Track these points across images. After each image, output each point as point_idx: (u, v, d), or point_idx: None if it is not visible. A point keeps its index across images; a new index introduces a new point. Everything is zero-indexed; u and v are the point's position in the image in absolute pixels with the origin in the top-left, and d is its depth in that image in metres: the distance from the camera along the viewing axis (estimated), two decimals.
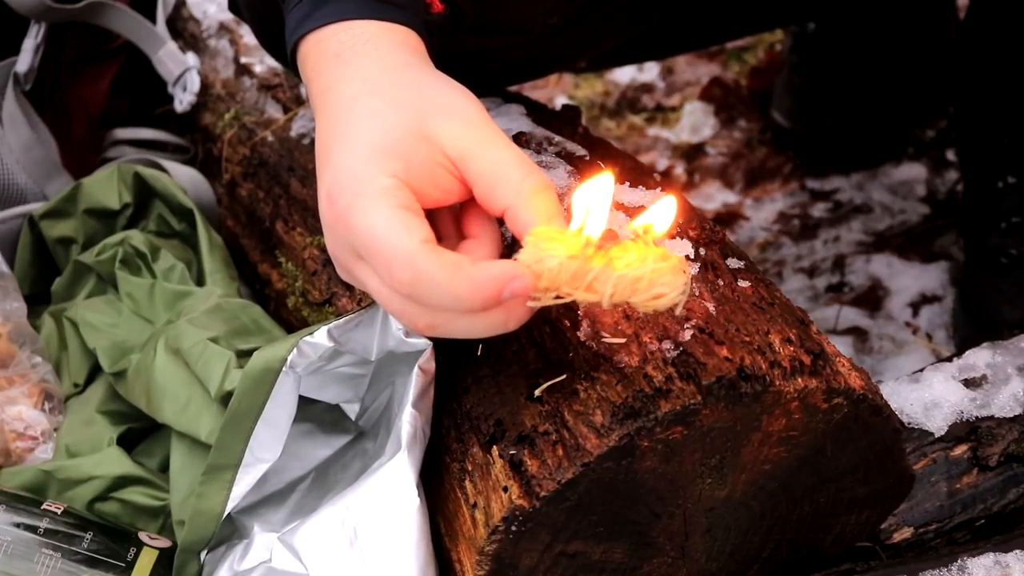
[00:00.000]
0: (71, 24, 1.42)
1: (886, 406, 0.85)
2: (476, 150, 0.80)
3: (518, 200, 0.78)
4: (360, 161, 0.79)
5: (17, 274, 1.28)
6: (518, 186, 0.78)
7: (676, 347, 0.81)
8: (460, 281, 0.74)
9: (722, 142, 1.99)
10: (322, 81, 0.85)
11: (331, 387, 0.95)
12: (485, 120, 0.82)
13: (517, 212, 0.78)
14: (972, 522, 1.00)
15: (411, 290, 0.76)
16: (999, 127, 1.49)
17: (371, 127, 0.80)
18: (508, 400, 0.84)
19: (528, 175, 0.79)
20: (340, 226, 0.79)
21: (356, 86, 0.83)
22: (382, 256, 0.76)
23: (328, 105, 0.84)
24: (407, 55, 0.85)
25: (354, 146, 0.80)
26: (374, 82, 0.82)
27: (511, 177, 0.79)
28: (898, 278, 1.66)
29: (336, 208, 0.79)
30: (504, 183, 0.79)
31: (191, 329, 1.04)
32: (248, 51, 1.46)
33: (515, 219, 0.79)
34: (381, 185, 0.78)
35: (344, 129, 0.81)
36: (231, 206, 1.34)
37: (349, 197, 0.78)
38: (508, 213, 0.79)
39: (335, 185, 0.80)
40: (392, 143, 0.79)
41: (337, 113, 0.83)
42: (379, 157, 0.79)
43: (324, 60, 0.85)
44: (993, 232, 1.50)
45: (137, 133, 1.50)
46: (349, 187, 0.79)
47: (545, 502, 0.79)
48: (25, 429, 1.11)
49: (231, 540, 0.96)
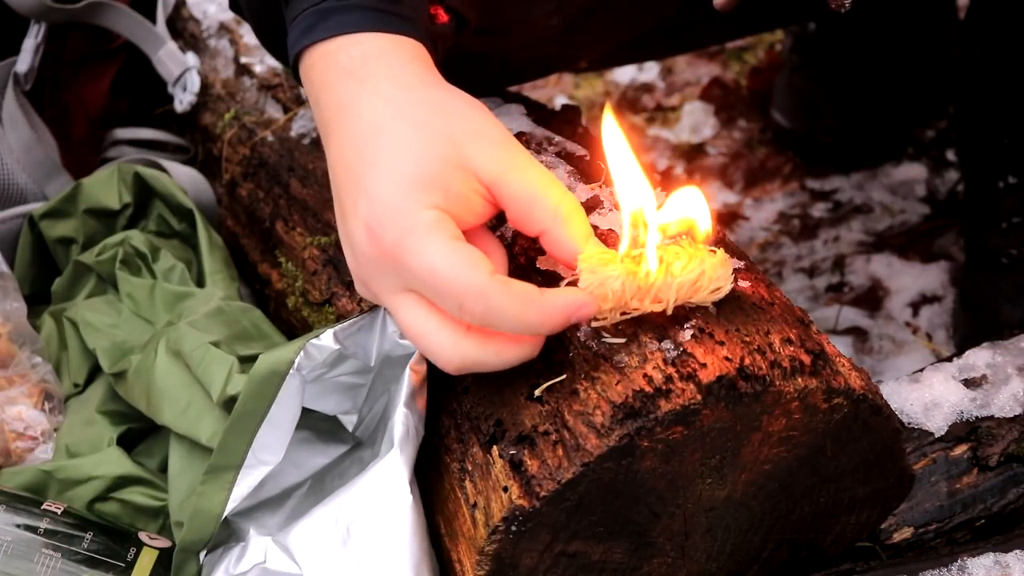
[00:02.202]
0: (71, 24, 1.42)
1: (886, 406, 0.85)
2: (509, 175, 0.81)
3: (555, 223, 0.81)
4: (400, 193, 0.79)
5: (17, 274, 1.28)
6: (555, 209, 0.81)
7: (676, 347, 0.81)
8: (531, 311, 0.77)
9: (722, 142, 1.99)
10: (334, 98, 0.85)
11: (330, 397, 0.95)
12: (512, 140, 0.83)
13: (557, 235, 0.81)
14: (972, 522, 1.00)
15: (482, 321, 0.78)
16: (999, 127, 1.49)
17: (405, 156, 0.80)
18: (508, 400, 0.84)
19: (563, 198, 0.81)
20: (388, 261, 0.79)
21: (378, 108, 0.82)
22: (451, 292, 0.77)
23: (347, 127, 0.83)
24: (421, 71, 0.85)
25: (391, 177, 0.80)
26: (396, 104, 0.82)
27: (547, 200, 0.81)
28: (898, 278, 1.66)
29: (383, 244, 0.79)
30: (541, 206, 0.81)
31: (192, 332, 1.04)
32: (248, 51, 1.46)
33: (555, 242, 0.81)
34: (429, 219, 0.79)
35: (374, 157, 0.81)
36: (231, 206, 1.34)
37: (397, 232, 0.78)
38: (546, 236, 0.82)
39: (375, 219, 0.80)
40: (430, 173, 0.80)
41: (361, 137, 0.82)
42: (420, 188, 0.79)
43: (334, 75, 0.85)
44: (994, 232, 1.50)
45: (137, 133, 1.50)
46: (394, 221, 0.79)
47: (545, 502, 0.79)
48: (25, 429, 1.11)
49: (227, 543, 0.96)
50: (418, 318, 0.80)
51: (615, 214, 0.92)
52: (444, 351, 0.80)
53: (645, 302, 0.81)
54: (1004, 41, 1.44)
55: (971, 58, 1.50)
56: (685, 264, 0.81)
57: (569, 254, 0.81)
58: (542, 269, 0.89)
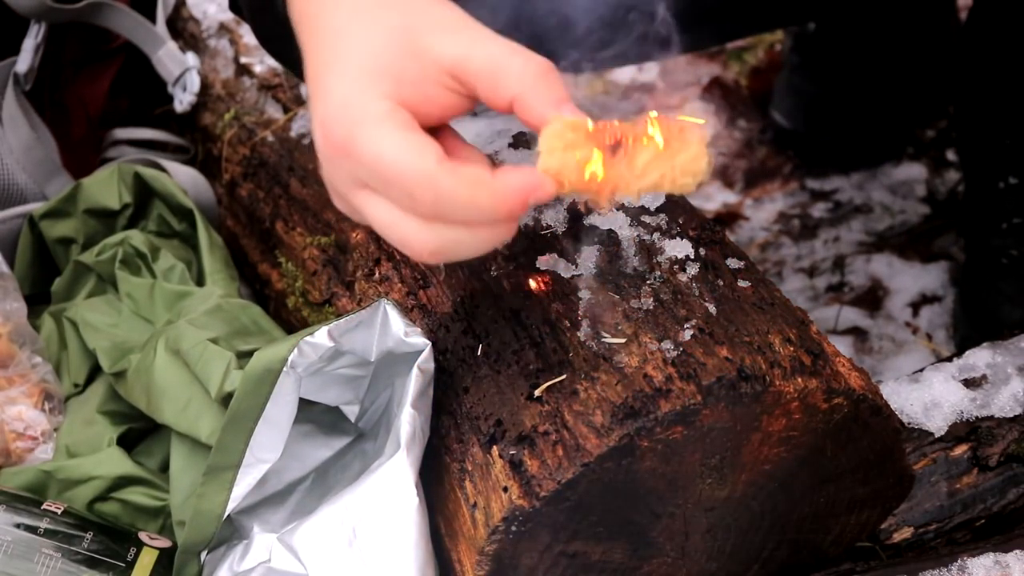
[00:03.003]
0: (71, 24, 1.42)
1: (886, 406, 0.85)
2: (470, 51, 0.79)
3: (523, 87, 0.77)
4: (351, 87, 0.78)
5: (17, 274, 1.28)
6: (521, 73, 0.77)
7: (676, 347, 0.81)
8: (482, 195, 0.74)
9: (722, 142, 1.99)
10: (309, 21, 0.84)
11: (331, 389, 0.95)
12: (471, 23, 0.81)
13: (526, 100, 0.77)
14: (972, 522, 1.00)
15: (433, 210, 0.75)
16: (1000, 127, 1.48)
17: (358, 51, 0.79)
18: (508, 400, 0.84)
19: (528, 60, 0.78)
20: (340, 157, 0.78)
21: (341, 13, 0.81)
22: (398, 181, 0.75)
23: (314, 36, 0.83)
24: None
25: (343, 72, 0.79)
26: (358, 7, 0.81)
27: (512, 66, 0.78)
28: (898, 278, 1.66)
29: (333, 138, 0.78)
30: (506, 73, 0.78)
31: (191, 330, 1.04)
32: (248, 51, 1.46)
33: (526, 108, 0.78)
34: (378, 109, 0.77)
35: (330, 56, 0.80)
36: (231, 206, 1.34)
37: (347, 126, 0.77)
38: (517, 103, 0.78)
39: (328, 115, 0.78)
40: (381, 65, 0.78)
41: (323, 42, 0.81)
42: (370, 80, 0.78)
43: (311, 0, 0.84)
44: (994, 233, 1.50)
45: (137, 133, 1.50)
46: (344, 115, 0.77)
47: (545, 502, 0.79)
48: (25, 429, 1.11)
49: (231, 541, 0.96)
50: (382, 210, 0.78)
51: (615, 214, 0.92)
52: (415, 236, 0.77)
53: (604, 195, 0.76)
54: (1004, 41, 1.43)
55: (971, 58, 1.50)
56: (650, 158, 0.76)
57: (538, 119, 0.78)
58: (542, 269, 0.89)
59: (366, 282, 1.02)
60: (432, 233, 0.76)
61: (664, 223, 0.92)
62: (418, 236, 0.76)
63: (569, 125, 0.76)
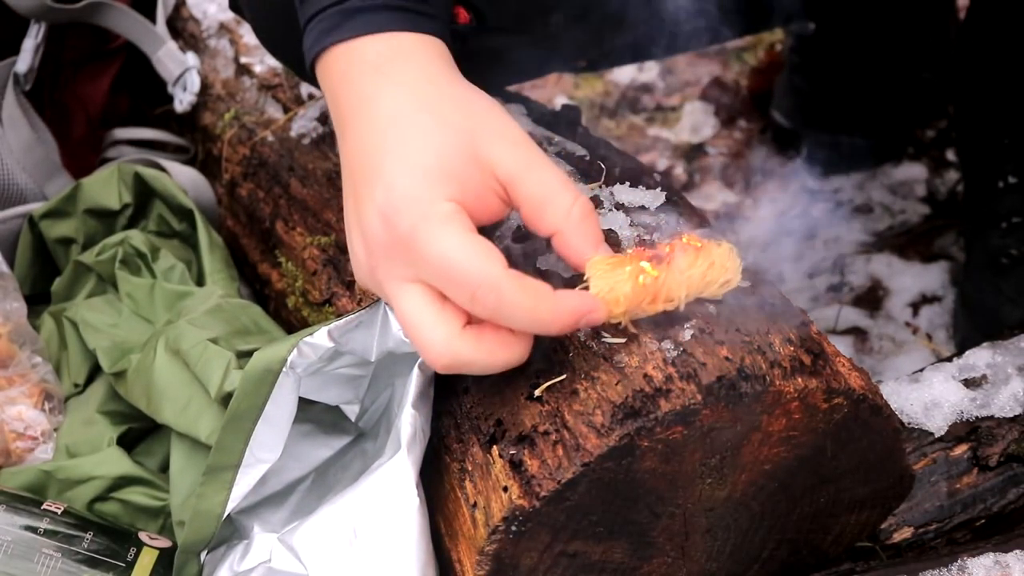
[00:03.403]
0: (71, 24, 1.42)
1: (886, 406, 0.85)
2: (526, 174, 0.81)
3: (568, 225, 0.81)
4: (418, 183, 0.80)
5: (17, 274, 1.28)
6: (568, 211, 0.81)
7: (676, 347, 0.81)
8: (543, 309, 0.78)
9: (722, 142, 1.99)
10: (355, 91, 0.85)
11: (331, 388, 0.95)
12: (529, 141, 0.83)
13: (568, 237, 0.81)
14: (972, 522, 1.00)
15: (493, 315, 0.78)
16: (999, 127, 1.48)
17: (425, 147, 0.81)
18: (508, 400, 0.84)
19: (576, 200, 0.81)
20: (401, 249, 0.80)
21: (400, 99, 0.83)
22: (463, 282, 0.77)
23: (368, 117, 0.83)
24: (444, 68, 0.85)
25: (410, 166, 0.80)
26: (418, 97, 0.83)
27: (561, 202, 0.81)
28: (898, 278, 1.66)
29: (397, 231, 0.79)
30: (554, 207, 0.81)
31: (191, 330, 1.04)
32: (248, 51, 1.46)
33: (566, 244, 0.81)
34: (445, 210, 0.79)
35: (394, 146, 0.81)
36: (231, 206, 1.34)
37: (413, 220, 0.79)
38: (558, 237, 0.81)
39: (391, 207, 0.80)
40: (449, 166, 0.80)
41: (382, 127, 0.83)
42: (438, 180, 0.80)
43: (358, 71, 0.85)
44: (993, 232, 1.50)
45: (137, 133, 1.50)
46: (411, 209, 0.79)
47: (545, 502, 0.79)
48: (25, 429, 1.11)
49: (231, 541, 0.96)
50: (419, 310, 0.80)
51: (615, 214, 0.92)
52: (437, 345, 0.80)
53: (658, 303, 0.81)
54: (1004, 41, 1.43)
55: (971, 58, 1.50)
56: (692, 260, 0.81)
57: (579, 257, 0.81)
58: (542, 269, 0.89)
59: None
60: (455, 346, 0.79)
61: (664, 223, 0.92)
62: (442, 344, 0.79)
63: (607, 257, 0.81)
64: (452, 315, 0.80)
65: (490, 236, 0.88)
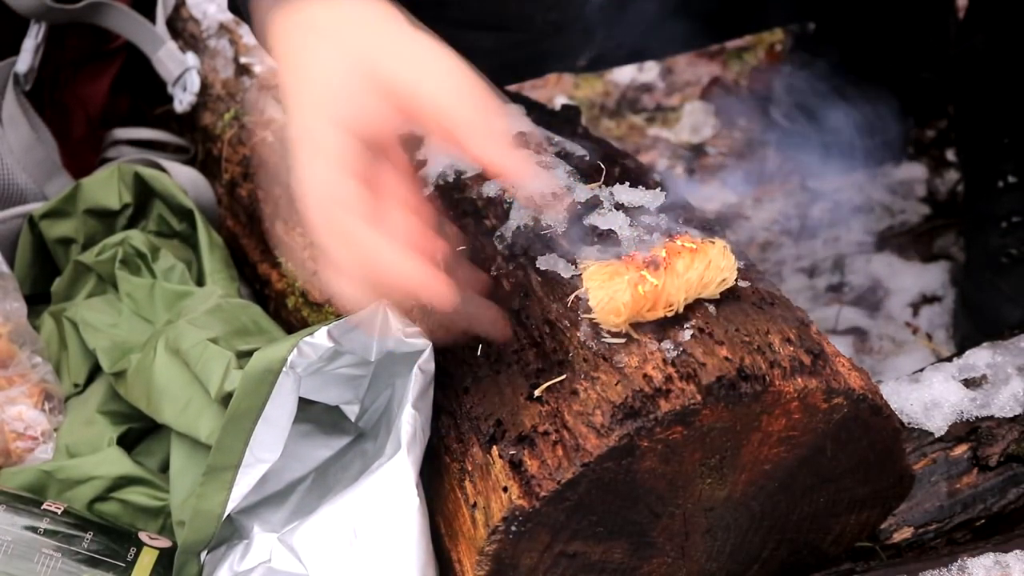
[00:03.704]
0: (71, 24, 1.42)
1: (886, 406, 0.85)
2: (420, 87, 0.81)
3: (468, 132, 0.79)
4: (307, 117, 0.82)
5: (17, 274, 1.28)
6: (467, 118, 0.80)
7: (676, 347, 0.81)
8: (384, 260, 0.79)
9: (722, 142, 1.99)
10: (289, 47, 0.87)
11: (331, 388, 0.95)
12: (431, 56, 0.82)
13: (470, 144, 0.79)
14: (972, 522, 1.00)
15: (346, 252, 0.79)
16: (999, 127, 1.48)
17: (316, 77, 0.83)
18: (508, 400, 0.84)
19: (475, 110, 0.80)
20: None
21: (310, 38, 0.84)
22: (312, 226, 0.80)
23: (288, 67, 0.86)
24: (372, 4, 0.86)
25: (301, 103, 0.83)
26: (324, 30, 0.84)
27: (460, 110, 0.80)
28: (898, 278, 1.66)
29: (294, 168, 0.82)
30: (452, 117, 0.80)
31: (191, 329, 1.04)
32: (248, 51, 1.46)
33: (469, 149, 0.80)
34: (322, 142, 0.80)
35: (298, 83, 0.84)
36: (231, 206, 1.34)
37: (297, 156, 0.81)
38: (463, 145, 0.80)
39: (292, 148, 0.82)
40: (336, 91, 0.81)
41: (292, 66, 0.85)
42: (322, 107, 0.81)
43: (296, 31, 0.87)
44: (993, 232, 1.50)
45: (137, 133, 1.50)
46: (299, 147, 0.81)
47: (545, 502, 0.79)
48: (25, 429, 1.11)
49: (231, 540, 0.96)
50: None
51: (615, 214, 0.92)
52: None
53: (658, 310, 0.81)
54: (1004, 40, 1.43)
55: (971, 57, 1.50)
56: (689, 262, 0.81)
57: (489, 160, 0.80)
58: (542, 269, 0.89)
59: None
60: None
61: (664, 223, 0.92)
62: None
63: (603, 264, 0.82)
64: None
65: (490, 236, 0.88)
